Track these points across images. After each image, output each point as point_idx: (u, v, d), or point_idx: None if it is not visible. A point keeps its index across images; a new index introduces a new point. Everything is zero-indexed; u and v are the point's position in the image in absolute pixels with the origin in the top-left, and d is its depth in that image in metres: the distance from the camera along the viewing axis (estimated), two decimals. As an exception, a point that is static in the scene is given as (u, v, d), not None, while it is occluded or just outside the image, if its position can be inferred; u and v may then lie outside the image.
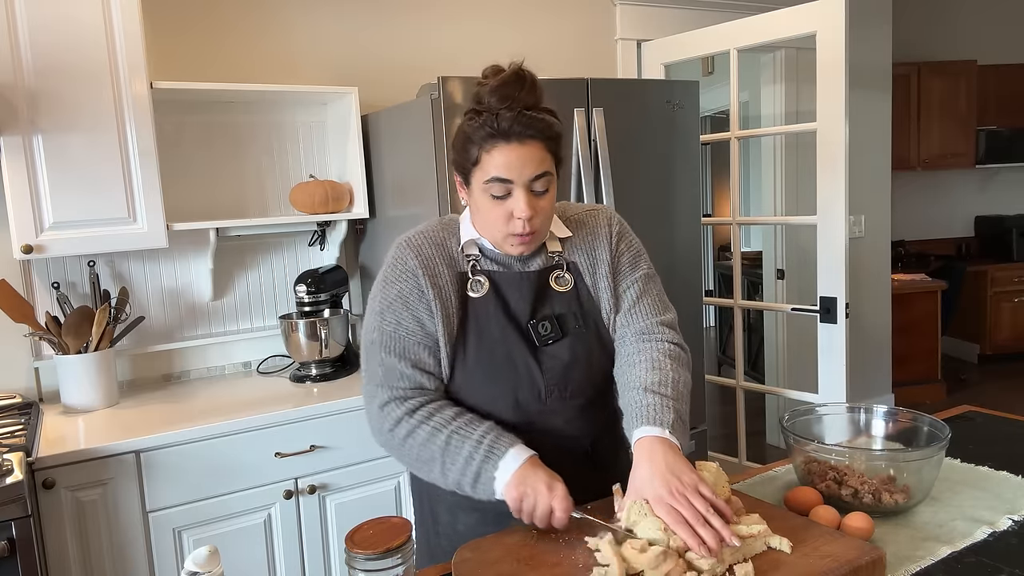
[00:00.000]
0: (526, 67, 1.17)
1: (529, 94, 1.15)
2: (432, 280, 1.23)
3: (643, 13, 3.31)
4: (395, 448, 1.23)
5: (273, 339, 2.61)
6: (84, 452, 1.81)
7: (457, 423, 1.18)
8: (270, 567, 2.08)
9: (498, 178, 1.15)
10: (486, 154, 1.15)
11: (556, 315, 1.26)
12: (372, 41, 2.75)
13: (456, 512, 1.29)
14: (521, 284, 1.25)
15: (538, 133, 1.15)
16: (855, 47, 3.69)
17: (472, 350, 1.23)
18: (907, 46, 5.29)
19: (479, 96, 1.18)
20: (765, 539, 1.03)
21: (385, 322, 1.24)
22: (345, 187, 2.53)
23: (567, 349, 1.25)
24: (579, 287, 1.29)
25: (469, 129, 1.18)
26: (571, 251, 1.31)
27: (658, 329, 1.29)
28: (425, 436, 1.18)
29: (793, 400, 3.01)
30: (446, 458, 1.16)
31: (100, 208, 2.06)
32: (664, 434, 1.12)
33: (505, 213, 1.17)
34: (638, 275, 1.33)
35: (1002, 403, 4.54)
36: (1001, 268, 5.51)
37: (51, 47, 1.96)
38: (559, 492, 1.09)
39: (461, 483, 1.16)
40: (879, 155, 4.13)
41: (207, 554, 0.90)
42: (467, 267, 1.26)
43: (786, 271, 3.93)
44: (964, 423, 1.64)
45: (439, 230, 1.29)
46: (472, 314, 1.24)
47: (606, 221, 1.34)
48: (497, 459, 1.13)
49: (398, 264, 1.25)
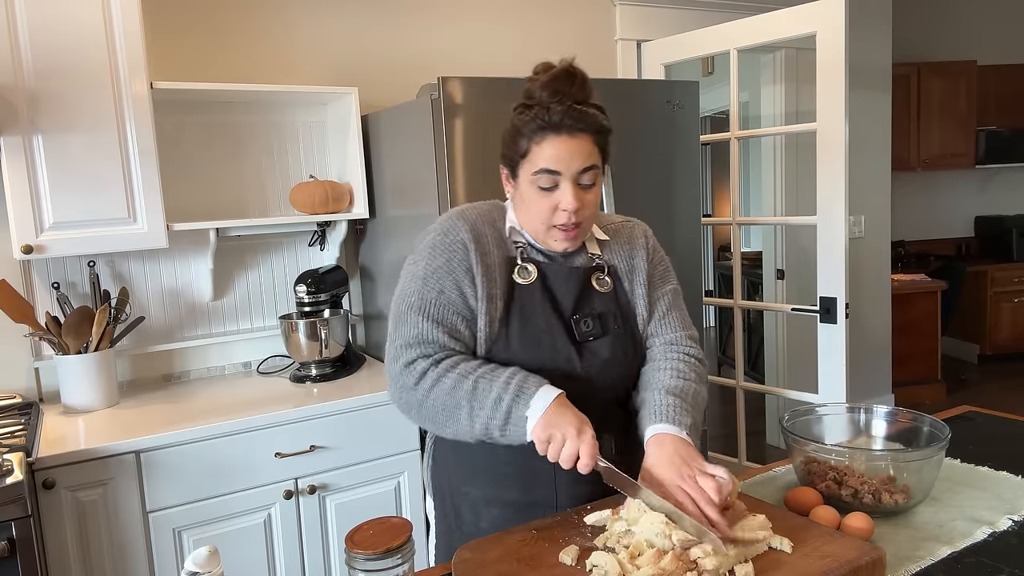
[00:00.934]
0: (576, 64, 1.20)
1: (579, 90, 1.18)
2: (482, 257, 1.24)
3: (643, 13, 3.31)
4: (418, 404, 1.20)
5: (273, 339, 2.61)
6: (84, 452, 1.81)
7: (482, 369, 1.18)
8: (270, 567, 2.08)
9: (546, 169, 1.17)
10: (536, 146, 1.17)
11: (598, 313, 1.28)
12: (372, 41, 2.75)
13: (479, 509, 1.30)
14: (568, 278, 1.27)
15: (588, 127, 1.18)
16: (855, 47, 3.69)
17: (516, 335, 1.24)
18: (907, 46, 5.29)
19: (530, 91, 1.19)
20: (766, 539, 1.03)
21: (427, 288, 1.23)
22: (345, 187, 2.53)
23: (607, 347, 1.27)
24: (618, 290, 1.32)
25: (519, 122, 1.19)
26: (610, 255, 1.33)
27: (686, 342, 1.34)
28: (451, 384, 1.17)
29: (793, 400, 3.01)
30: (474, 403, 1.15)
31: (100, 208, 2.06)
32: (680, 433, 1.15)
33: (551, 205, 1.19)
34: (668, 288, 1.37)
35: (1002, 403, 4.54)
36: (1001, 268, 5.51)
37: (51, 47, 1.96)
38: (587, 437, 1.08)
39: (489, 426, 1.14)
40: (879, 155, 4.13)
41: (207, 554, 0.90)
42: (515, 252, 1.27)
43: (786, 271, 3.93)
44: (964, 423, 1.64)
45: (491, 209, 1.31)
46: (518, 300, 1.25)
47: (642, 233, 1.39)
48: (528, 398, 1.12)
49: (450, 234, 1.25)
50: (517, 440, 1.14)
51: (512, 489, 1.27)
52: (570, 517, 1.15)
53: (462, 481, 1.32)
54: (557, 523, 1.14)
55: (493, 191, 2.10)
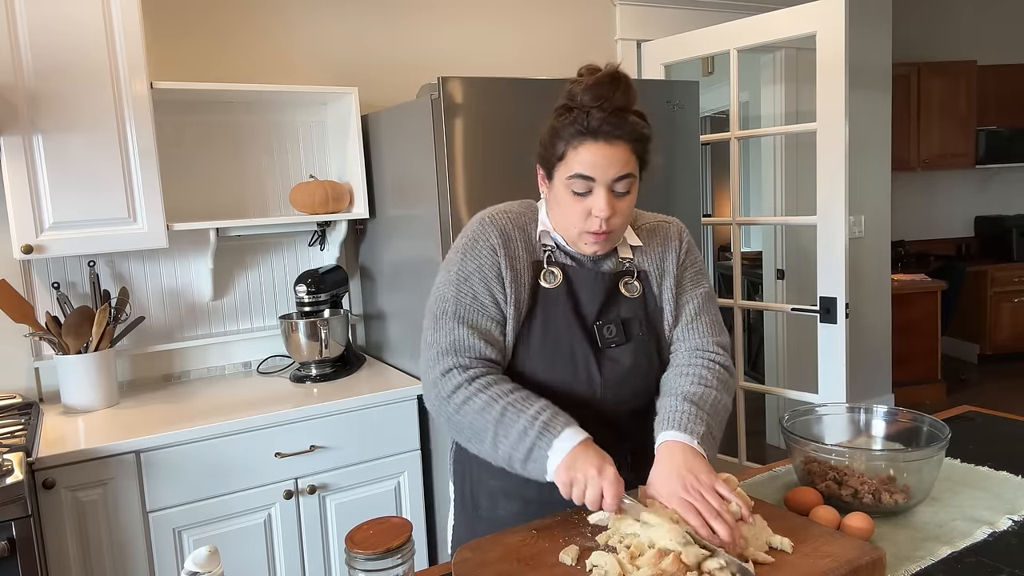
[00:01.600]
0: (622, 69, 1.18)
1: (623, 96, 1.16)
2: (511, 262, 1.25)
3: (643, 13, 3.31)
4: (449, 416, 1.22)
5: (273, 339, 2.61)
6: (84, 452, 1.81)
7: (514, 396, 1.17)
8: (270, 567, 2.08)
9: (581, 175, 1.16)
10: (572, 150, 1.17)
11: (622, 319, 1.27)
12: (372, 41, 2.75)
13: (497, 498, 1.30)
14: (595, 283, 1.27)
15: (626, 134, 1.16)
16: (855, 47, 3.69)
17: (536, 339, 1.24)
18: (907, 46, 5.29)
19: (572, 93, 1.18)
20: (766, 539, 1.03)
21: (462, 293, 1.24)
22: (345, 187, 2.53)
23: (629, 355, 1.27)
24: (647, 295, 1.31)
25: (558, 124, 1.19)
26: (641, 259, 1.32)
27: (713, 348, 1.31)
28: (481, 405, 1.17)
29: (793, 400, 3.01)
30: (499, 430, 1.15)
31: (100, 208, 2.06)
32: (691, 442, 1.13)
33: (584, 210, 1.19)
34: (699, 291, 1.35)
35: (1002, 403, 4.54)
36: (1001, 268, 5.51)
37: (51, 47, 1.96)
38: (609, 475, 1.07)
39: (512, 458, 1.15)
40: (879, 155, 4.13)
41: (207, 554, 0.90)
42: (543, 256, 1.27)
43: (786, 271, 3.93)
44: (964, 423, 1.64)
45: (521, 213, 1.30)
46: (542, 303, 1.26)
47: (677, 234, 1.36)
48: (552, 438, 1.11)
49: (481, 238, 1.26)
50: (537, 477, 1.13)
51: (532, 488, 1.26)
52: (570, 517, 1.15)
53: (484, 471, 1.32)
54: (557, 523, 1.14)
55: (493, 191, 2.11)
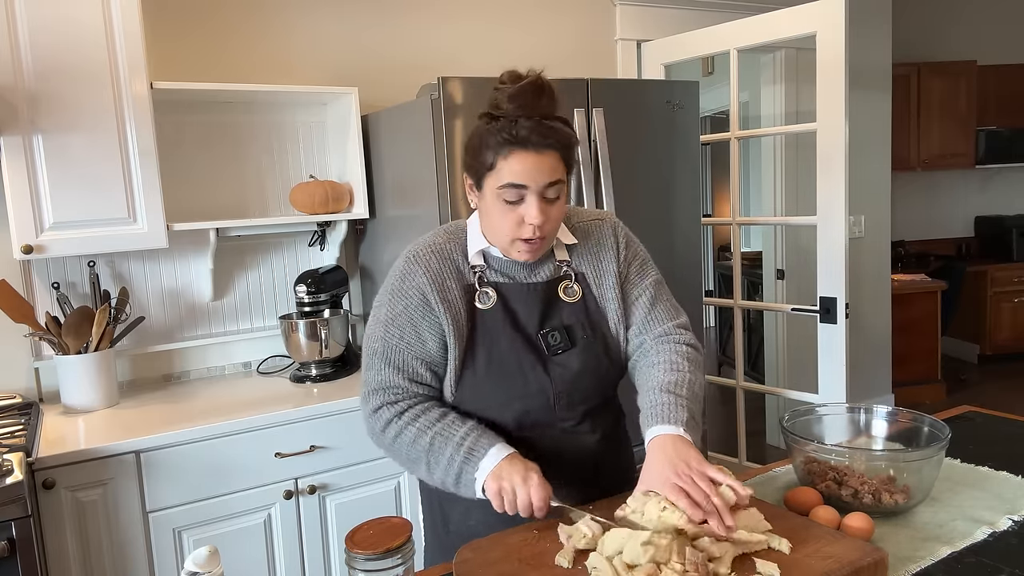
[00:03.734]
0: (544, 76, 1.18)
1: (548, 104, 1.17)
2: (442, 295, 1.24)
3: (643, 13, 3.31)
4: (387, 448, 1.27)
5: (273, 339, 2.61)
6: (84, 452, 1.81)
7: (440, 424, 1.22)
8: (270, 567, 2.08)
9: (513, 184, 1.16)
10: (502, 160, 1.16)
11: (565, 325, 1.28)
12: (372, 41, 2.75)
13: (470, 509, 1.30)
14: (528, 296, 1.28)
15: (555, 143, 1.17)
16: (855, 47, 3.68)
17: (482, 361, 1.25)
18: (907, 46, 5.28)
19: (496, 101, 1.18)
20: (766, 540, 1.03)
21: (389, 335, 1.26)
22: (345, 187, 2.53)
23: (576, 359, 1.27)
24: (587, 298, 1.31)
25: (485, 133, 1.18)
26: (578, 261, 1.32)
27: (676, 332, 1.33)
28: (411, 437, 1.22)
29: (793, 400, 3.01)
30: (431, 458, 1.20)
31: (100, 208, 2.06)
32: (678, 431, 1.15)
33: (516, 219, 1.19)
34: (648, 282, 1.35)
35: (1002, 403, 4.54)
36: (1001, 268, 5.50)
37: (51, 48, 1.96)
38: (534, 481, 1.12)
39: (445, 482, 1.20)
40: (879, 155, 4.13)
41: (207, 554, 0.90)
42: (474, 279, 1.27)
43: (786, 271, 3.93)
44: (964, 423, 1.64)
45: (446, 242, 1.30)
46: (481, 326, 1.26)
47: (611, 231, 1.36)
48: (477, 460, 1.16)
49: (407, 279, 1.26)
50: (470, 496, 1.18)
51: None
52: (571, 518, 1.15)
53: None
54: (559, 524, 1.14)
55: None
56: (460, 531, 1.31)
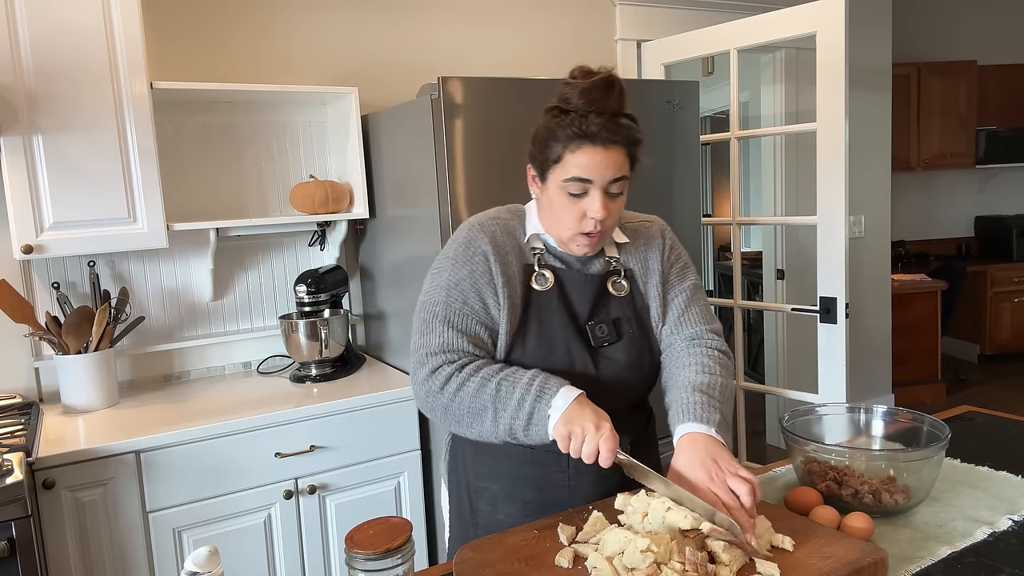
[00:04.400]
0: (616, 73, 1.21)
1: (618, 101, 1.19)
2: (503, 267, 1.27)
3: (643, 13, 3.31)
4: (444, 407, 1.23)
5: (273, 339, 2.61)
6: (84, 452, 1.81)
7: (504, 372, 1.21)
8: (270, 567, 2.08)
9: (579, 178, 1.18)
10: (569, 153, 1.18)
11: (613, 319, 1.30)
12: (372, 41, 2.75)
13: (497, 503, 1.32)
14: (584, 285, 1.30)
15: (622, 139, 1.19)
16: (855, 47, 3.69)
17: (532, 341, 1.27)
18: (907, 46, 5.29)
19: (566, 96, 1.19)
20: (768, 539, 1.03)
21: (452, 298, 1.26)
22: (345, 187, 2.53)
23: (623, 352, 1.29)
24: (634, 293, 1.34)
25: (555, 126, 1.19)
26: (627, 258, 1.35)
27: (708, 336, 1.35)
28: (475, 387, 1.20)
29: (793, 400, 3.01)
30: (498, 404, 1.18)
31: (100, 208, 2.06)
32: (710, 431, 1.16)
33: (579, 212, 1.21)
34: (687, 284, 1.37)
35: (1002, 403, 4.54)
36: (1001, 268, 5.50)
37: (51, 48, 1.96)
38: (606, 431, 1.11)
39: (513, 427, 1.18)
40: (879, 155, 4.13)
41: (207, 554, 0.90)
42: (533, 259, 1.29)
43: (786, 271, 3.93)
44: (964, 423, 1.64)
45: (510, 218, 1.32)
46: (535, 306, 1.28)
47: (659, 232, 1.40)
48: (549, 398, 1.15)
49: (471, 245, 1.28)
50: (539, 439, 1.17)
51: (528, 488, 1.29)
52: (571, 517, 1.15)
53: (480, 476, 1.34)
54: (559, 523, 1.14)
55: (493, 191, 2.12)
56: (488, 524, 1.32)
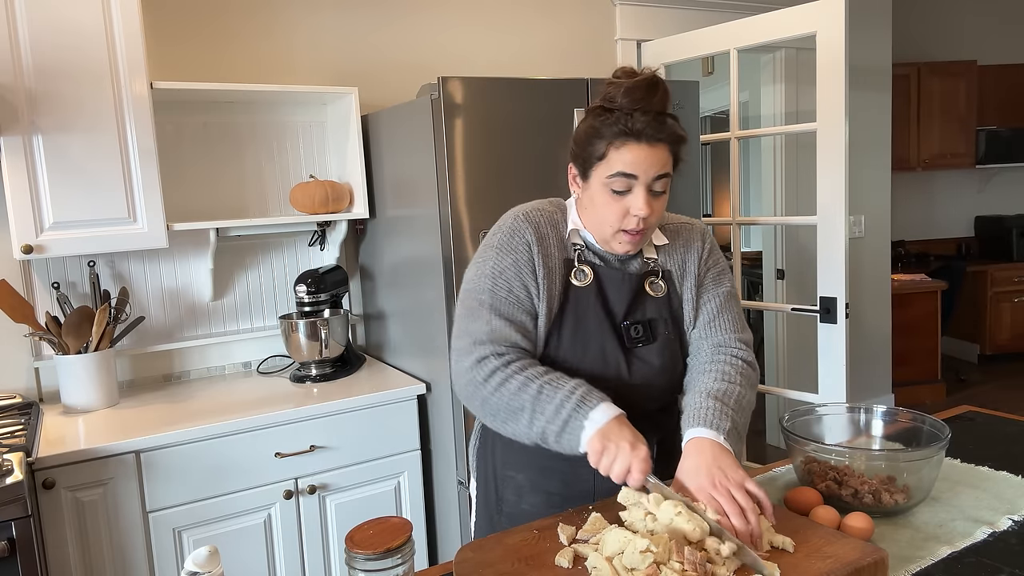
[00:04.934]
0: (659, 75, 1.23)
1: (661, 100, 1.21)
2: (545, 259, 1.28)
3: (643, 13, 3.31)
4: (485, 398, 1.24)
5: (273, 339, 2.61)
6: (84, 452, 1.81)
7: (549, 376, 1.22)
8: (270, 567, 2.08)
9: (624, 173, 1.19)
10: (615, 150, 1.19)
11: (648, 320, 1.30)
12: (372, 41, 2.75)
13: (523, 493, 1.34)
14: (622, 283, 1.30)
15: (667, 137, 1.20)
16: (855, 47, 3.69)
17: (568, 335, 1.27)
18: (907, 46, 5.29)
19: (610, 96, 1.21)
20: (768, 539, 1.03)
21: (498, 287, 1.27)
22: (345, 187, 2.53)
23: (656, 354, 1.30)
24: (671, 295, 1.34)
25: (599, 124, 1.21)
26: (666, 259, 1.35)
27: (735, 344, 1.34)
28: (517, 385, 1.21)
29: (793, 400, 3.01)
30: (536, 406, 1.19)
31: (100, 208, 2.06)
32: (718, 438, 1.16)
33: (622, 209, 1.22)
34: (721, 290, 1.37)
35: (1002, 403, 4.54)
36: (1001, 268, 5.50)
37: (51, 48, 1.96)
38: (641, 453, 1.11)
39: (546, 432, 1.18)
40: (879, 155, 4.12)
41: (207, 554, 0.90)
42: (573, 254, 1.30)
43: (786, 271, 3.93)
44: (964, 423, 1.64)
45: (553, 211, 1.33)
46: (572, 301, 1.29)
47: (700, 236, 1.39)
48: (588, 410, 1.16)
49: (516, 235, 1.29)
50: (570, 449, 1.17)
51: (554, 480, 1.30)
52: (571, 517, 1.15)
53: (507, 466, 1.35)
54: (559, 523, 1.14)
55: (493, 191, 2.12)
56: (513, 513, 1.34)
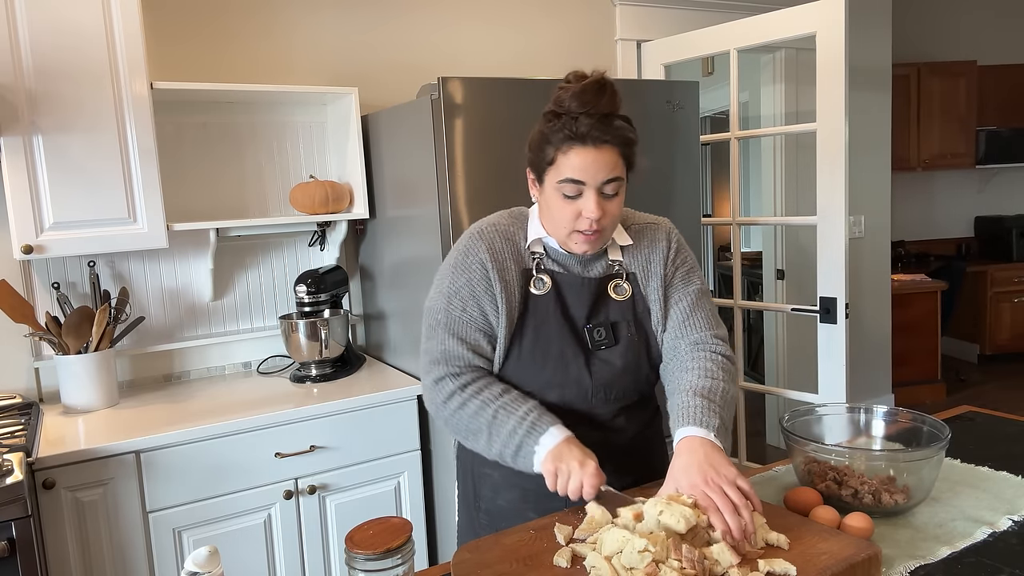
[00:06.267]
0: (608, 76, 1.22)
1: (609, 102, 1.20)
2: (500, 273, 1.29)
3: (643, 13, 3.31)
4: (445, 419, 1.31)
5: (273, 339, 2.61)
6: (84, 452, 1.81)
7: (504, 399, 1.26)
8: (270, 567, 2.08)
9: (571, 179, 1.20)
10: (562, 155, 1.20)
11: (611, 322, 1.32)
12: (372, 41, 2.75)
13: (499, 489, 1.37)
14: (581, 289, 1.31)
15: (613, 139, 1.20)
16: (855, 47, 3.69)
17: (528, 343, 1.30)
18: (907, 46, 5.28)
19: (560, 99, 1.21)
20: (763, 536, 1.03)
21: (452, 306, 1.31)
22: (345, 187, 2.53)
23: (619, 356, 1.31)
24: (635, 297, 1.35)
25: (547, 130, 1.22)
26: (630, 261, 1.36)
27: (712, 341, 1.34)
28: (474, 409, 1.26)
29: (793, 400, 3.01)
30: (492, 430, 1.24)
31: (100, 208, 2.06)
32: (708, 436, 1.16)
33: (574, 212, 1.22)
34: (692, 289, 1.37)
35: (1002, 403, 4.54)
36: (1001, 268, 5.50)
37: (51, 48, 1.96)
38: (590, 468, 1.15)
39: (503, 454, 1.24)
40: (879, 155, 4.13)
41: (207, 554, 0.90)
42: (532, 264, 1.32)
43: (786, 271, 3.93)
44: (964, 423, 1.64)
45: (509, 224, 1.35)
46: (532, 310, 1.30)
47: (665, 235, 1.39)
48: (538, 435, 1.20)
49: (470, 254, 1.31)
50: (526, 469, 1.22)
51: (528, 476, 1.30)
52: (567, 517, 1.15)
53: (484, 463, 1.37)
54: (556, 523, 1.14)
55: (493, 191, 2.12)
56: (490, 509, 1.37)
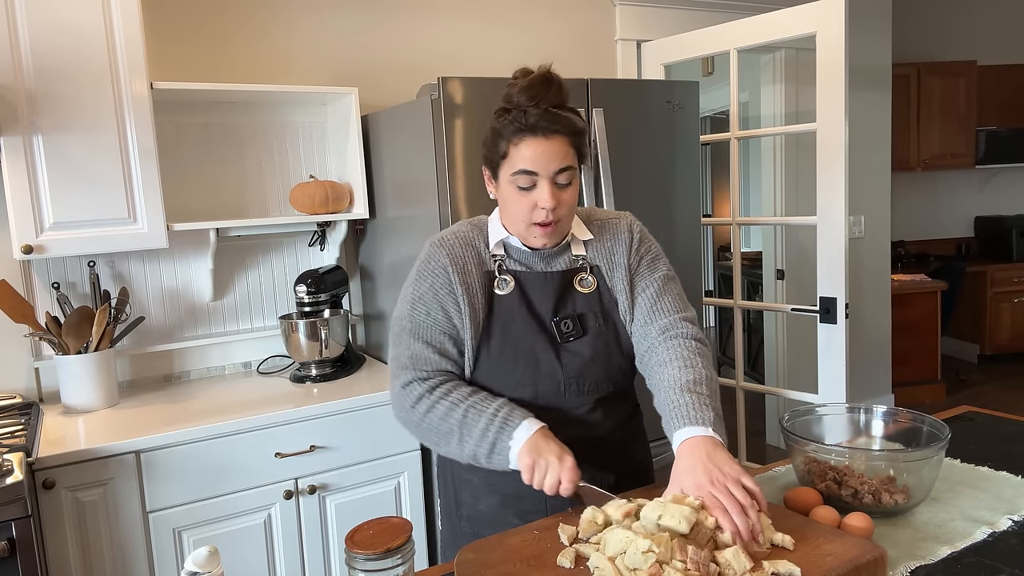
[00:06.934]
0: (553, 70, 1.26)
1: (556, 95, 1.24)
2: (462, 277, 1.31)
3: (643, 13, 3.31)
4: (415, 423, 1.30)
5: (273, 339, 2.61)
6: (84, 452, 1.81)
7: (473, 399, 1.26)
8: (270, 567, 2.08)
9: (524, 170, 1.22)
10: (514, 147, 1.23)
11: (578, 314, 1.33)
12: (372, 41, 2.75)
13: (479, 495, 1.37)
14: (544, 284, 1.33)
15: (562, 128, 1.23)
16: (855, 47, 3.69)
17: (497, 343, 1.31)
18: (907, 46, 5.29)
19: (509, 96, 1.25)
20: (768, 537, 1.03)
21: (416, 312, 1.32)
22: (345, 187, 2.53)
23: (587, 346, 1.32)
24: (601, 289, 1.36)
25: (499, 125, 1.25)
26: (594, 255, 1.37)
27: (681, 324, 1.34)
28: (444, 411, 1.26)
29: (793, 400, 3.01)
30: (463, 431, 1.24)
31: (100, 208, 2.06)
32: (708, 432, 1.16)
33: (530, 204, 1.24)
34: (657, 275, 1.38)
35: (1002, 403, 4.54)
36: (1001, 268, 5.50)
37: (51, 48, 1.96)
38: (568, 463, 1.16)
39: (477, 454, 1.23)
40: (879, 155, 4.13)
41: (207, 554, 0.90)
42: (494, 266, 1.33)
43: (786, 271, 3.93)
44: (964, 423, 1.64)
45: (469, 231, 1.37)
46: (498, 310, 1.32)
47: (627, 227, 1.41)
48: (511, 430, 1.20)
49: (431, 261, 1.33)
50: (501, 467, 1.22)
51: (507, 481, 1.31)
52: (570, 517, 1.15)
53: (464, 469, 1.37)
54: (559, 523, 1.14)
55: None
56: (471, 515, 1.37)
